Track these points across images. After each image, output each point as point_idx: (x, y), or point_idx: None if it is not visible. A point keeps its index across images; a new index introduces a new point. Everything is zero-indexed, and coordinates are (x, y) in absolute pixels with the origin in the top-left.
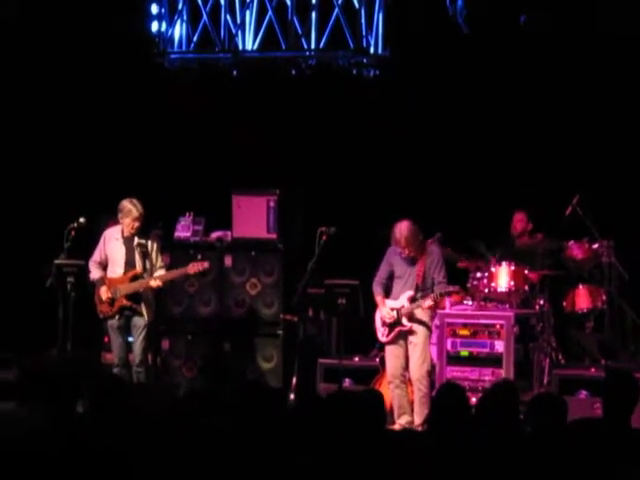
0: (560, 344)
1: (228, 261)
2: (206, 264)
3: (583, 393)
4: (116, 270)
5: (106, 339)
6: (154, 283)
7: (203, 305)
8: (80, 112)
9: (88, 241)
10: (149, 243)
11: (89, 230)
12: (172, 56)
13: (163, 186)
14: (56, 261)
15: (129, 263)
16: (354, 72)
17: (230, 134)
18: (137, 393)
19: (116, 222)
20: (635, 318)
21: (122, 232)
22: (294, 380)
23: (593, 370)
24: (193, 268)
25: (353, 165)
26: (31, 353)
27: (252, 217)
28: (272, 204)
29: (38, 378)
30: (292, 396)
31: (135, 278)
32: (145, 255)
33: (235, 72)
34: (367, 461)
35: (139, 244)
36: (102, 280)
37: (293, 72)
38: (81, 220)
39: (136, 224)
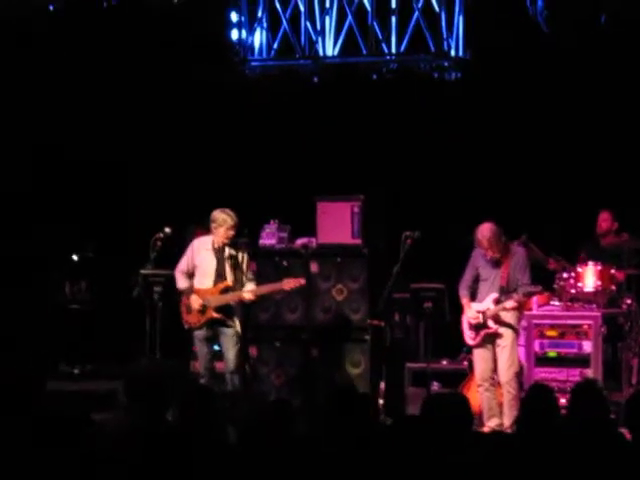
0: None
1: (314, 267)
2: (302, 281)
3: None
4: (205, 281)
5: (195, 348)
6: (247, 296)
7: (290, 312)
8: (164, 121)
9: (174, 251)
10: (239, 254)
11: (175, 240)
12: (253, 63)
13: (248, 194)
14: (142, 271)
15: (219, 275)
16: (435, 76)
17: (313, 140)
18: (228, 401)
19: (203, 231)
20: None
21: (213, 243)
22: (382, 385)
23: None
24: (289, 284)
25: (436, 168)
26: (127, 363)
27: (336, 223)
28: (356, 209)
29: (145, 383)
30: (381, 401)
31: (226, 290)
32: (236, 266)
33: (316, 78)
34: (456, 464)
35: (230, 255)
36: (190, 289)
37: (374, 77)
38: (167, 230)
39: (231, 233)
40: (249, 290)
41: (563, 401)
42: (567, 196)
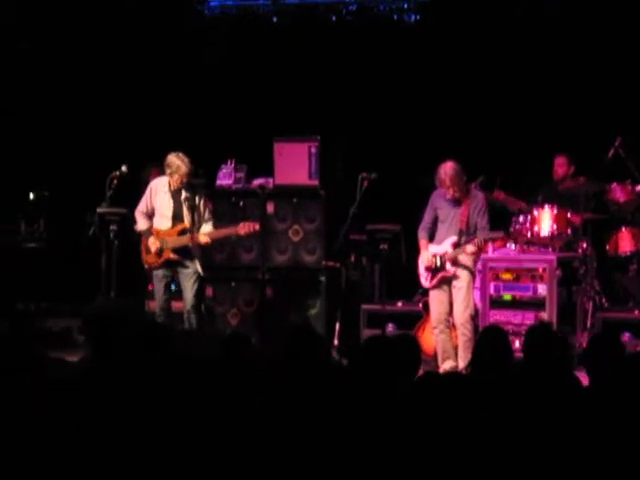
0: (603, 287)
1: (270, 208)
2: (257, 226)
3: (626, 335)
4: (163, 223)
5: (150, 287)
6: (203, 239)
7: (246, 252)
8: (122, 61)
9: (130, 189)
10: (196, 196)
11: (131, 178)
12: (211, 4)
13: (204, 134)
14: (99, 210)
15: (177, 217)
16: (395, 17)
17: (271, 81)
18: (184, 339)
19: (160, 170)
20: None
21: (169, 185)
22: (337, 326)
23: (636, 312)
24: (244, 229)
25: (394, 111)
26: (83, 302)
27: (294, 164)
28: (313, 150)
29: (101, 322)
30: (336, 342)
31: (183, 232)
32: (193, 208)
33: (275, 19)
34: (404, 405)
35: (187, 197)
36: (149, 231)
37: (333, 18)
38: (123, 168)
39: (185, 180)
40: (205, 233)
41: (518, 344)
42: (525, 140)
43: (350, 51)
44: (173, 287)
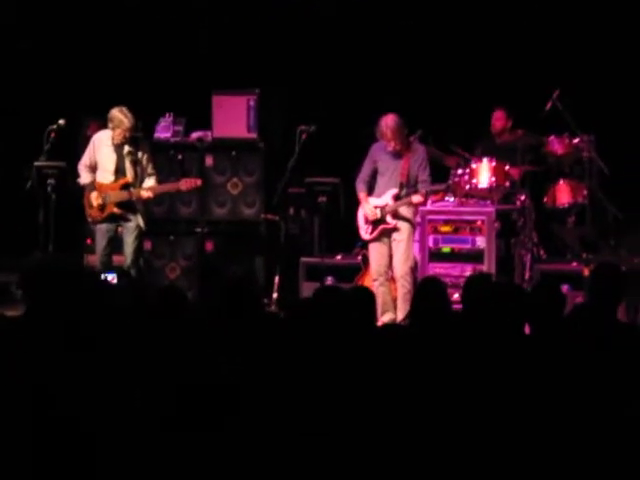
0: (541, 239)
1: (209, 161)
2: (199, 181)
3: (565, 287)
4: (106, 177)
5: (89, 241)
6: (145, 194)
7: (184, 205)
8: (54, 12)
9: (68, 143)
10: (139, 150)
11: (69, 132)
12: None
13: (142, 87)
14: (36, 163)
15: (119, 171)
16: None
17: (210, 32)
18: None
19: (98, 124)
20: (616, 213)
21: (112, 139)
22: (277, 279)
23: (575, 264)
24: (186, 184)
25: (333, 63)
26: (21, 256)
27: (232, 117)
28: (252, 103)
29: (39, 276)
30: (275, 295)
31: (126, 186)
32: (136, 162)
33: None
34: (352, 358)
35: (130, 152)
36: (92, 185)
37: None
38: (61, 122)
39: (127, 134)
40: (147, 188)
41: (457, 296)
42: (463, 93)
43: (287, 2)
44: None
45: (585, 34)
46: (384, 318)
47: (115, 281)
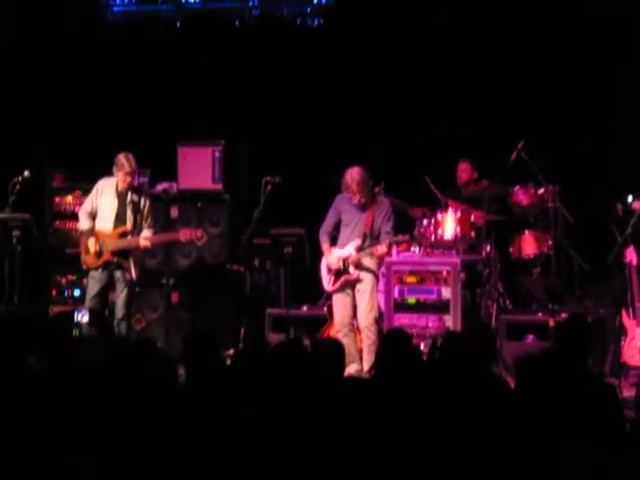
0: (507, 289)
1: (174, 212)
2: (199, 233)
3: (530, 337)
4: (105, 224)
5: (54, 292)
6: (143, 243)
7: (150, 257)
8: (25, 66)
9: (33, 194)
10: (142, 200)
11: (34, 183)
12: (115, 8)
13: (108, 138)
14: (1, 215)
15: (119, 218)
16: (298, 22)
17: (174, 86)
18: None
19: (63, 176)
20: (581, 263)
21: (116, 186)
22: (242, 330)
23: (540, 315)
24: (185, 235)
25: (297, 115)
26: None
27: (198, 168)
28: (217, 155)
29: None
30: (241, 346)
31: (124, 234)
32: (137, 212)
33: (179, 24)
34: (317, 410)
35: (132, 200)
36: (91, 231)
37: (237, 23)
38: (25, 173)
39: (128, 179)
40: (145, 237)
41: (422, 346)
42: (428, 145)
43: (254, 55)
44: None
45: (548, 85)
46: (349, 369)
47: (85, 319)
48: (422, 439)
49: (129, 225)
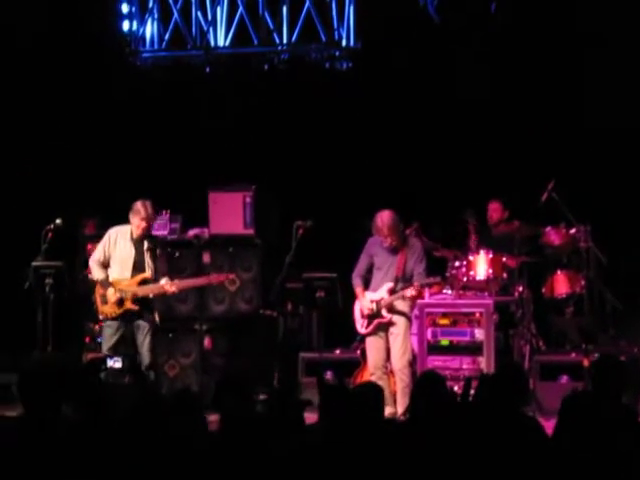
0: (540, 330)
1: (206, 258)
2: (231, 275)
3: (564, 378)
4: (123, 272)
5: (87, 339)
6: (170, 289)
7: (182, 303)
8: (57, 113)
9: (66, 242)
10: (158, 248)
11: (66, 231)
12: (144, 55)
13: (140, 184)
14: (34, 263)
15: (137, 266)
16: (327, 65)
17: (205, 131)
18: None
19: (95, 222)
20: (614, 302)
21: (131, 233)
22: (276, 375)
23: (574, 355)
24: (217, 278)
25: (328, 158)
26: (20, 356)
27: (229, 213)
28: (248, 200)
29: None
30: (274, 390)
31: (144, 282)
32: (155, 258)
33: (208, 69)
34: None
35: (149, 247)
36: (107, 281)
37: (266, 67)
38: (57, 221)
39: (143, 224)
40: (174, 282)
41: (456, 389)
42: (458, 185)
43: (284, 99)
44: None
45: (579, 126)
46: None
47: (118, 365)
48: None
49: (149, 272)
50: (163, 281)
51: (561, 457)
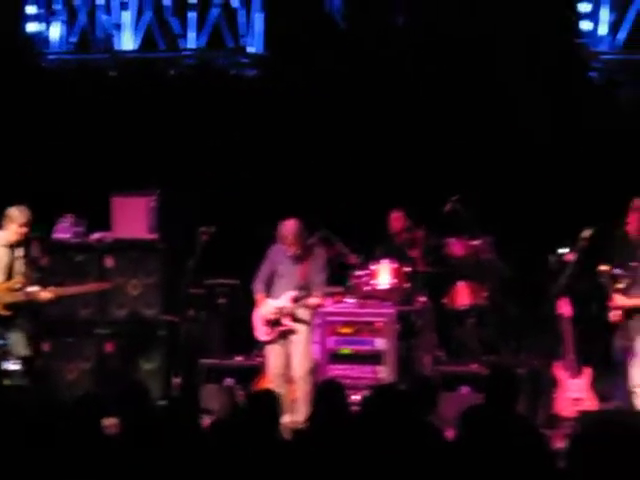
0: (441, 341)
1: (109, 262)
2: (106, 285)
3: (464, 389)
4: None
5: None
6: (45, 296)
7: (84, 307)
8: None
9: None
10: (33, 252)
11: None
12: (50, 57)
13: (44, 188)
14: None
15: (11, 271)
16: (233, 72)
17: (110, 134)
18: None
19: None
20: (515, 314)
21: (7, 239)
22: (176, 380)
23: (474, 366)
24: (92, 287)
25: (232, 164)
26: None
27: (132, 218)
28: (152, 204)
29: None
30: (174, 396)
31: (17, 288)
32: (29, 264)
33: (113, 73)
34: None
35: (24, 253)
36: None
37: (172, 72)
38: None
39: (22, 230)
40: (50, 289)
41: (357, 398)
42: (363, 195)
43: (190, 105)
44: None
45: (482, 139)
46: (283, 420)
47: (15, 367)
48: None
49: (22, 278)
50: (35, 288)
51: (460, 466)
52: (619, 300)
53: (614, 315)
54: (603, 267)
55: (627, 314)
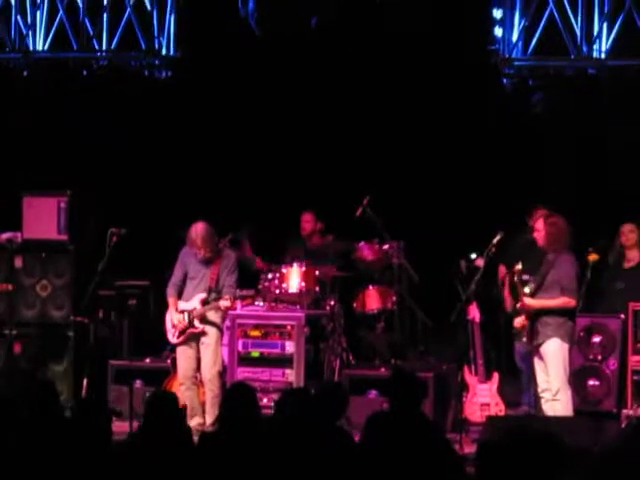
0: (350, 344)
1: (18, 262)
2: (10, 286)
3: (373, 393)
4: None
5: None
6: None
7: None
8: None
9: None
10: None
11: None
12: None
13: None
14: None
15: None
16: (146, 73)
17: (22, 135)
18: None
19: None
20: (424, 319)
21: None
22: (85, 382)
23: (383, 370)
24: None
25: (145, 166)
26: None
27: (43, 218)
28: (63, 205)
29: None
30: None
31: None
32: None
33: (26, 72)
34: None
35: None
36: None
37: (84, 73)
38: None
39: None
40: None
41: (266, 401)
42: (275, 197)
43: (101, 106)
44: None
45: (395, 142)
46: (192, 422)
47: None
48: None
49: None
50: None
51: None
52: (528, 301)
53: (518, 322)
54: (518, 267)
55: (532, 318)
